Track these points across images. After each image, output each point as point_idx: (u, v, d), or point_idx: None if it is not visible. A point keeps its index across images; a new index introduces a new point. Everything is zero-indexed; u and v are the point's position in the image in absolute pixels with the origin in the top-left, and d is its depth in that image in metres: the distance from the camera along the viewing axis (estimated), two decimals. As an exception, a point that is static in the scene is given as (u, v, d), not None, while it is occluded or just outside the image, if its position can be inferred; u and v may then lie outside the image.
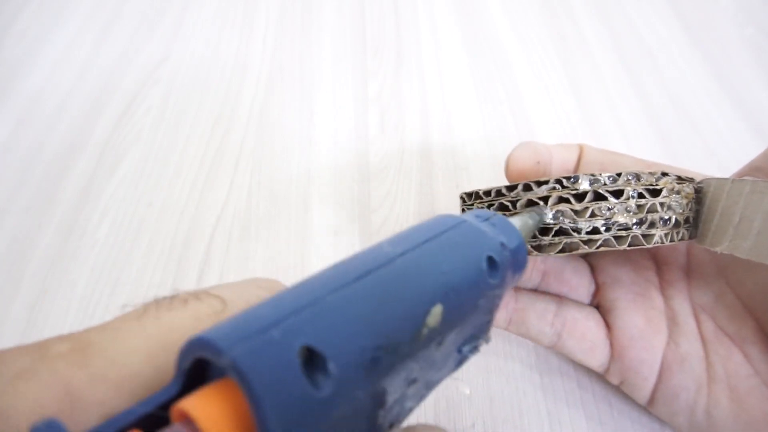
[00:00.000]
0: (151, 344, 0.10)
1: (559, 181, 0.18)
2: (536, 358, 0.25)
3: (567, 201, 0.18)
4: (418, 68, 0.38)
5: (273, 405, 0.08)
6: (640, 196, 0.18)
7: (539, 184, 0.19)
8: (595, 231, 0.18)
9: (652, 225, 0.18)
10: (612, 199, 0.18)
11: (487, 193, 0.20)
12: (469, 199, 0.21)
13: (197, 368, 0.09)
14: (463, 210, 0.22)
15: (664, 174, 0.19)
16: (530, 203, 0.19)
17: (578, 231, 0.18)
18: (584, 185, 0.18)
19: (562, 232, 0.18)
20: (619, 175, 0.18)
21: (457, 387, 0.24)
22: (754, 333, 0.20)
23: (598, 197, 0.18)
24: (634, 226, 0.18)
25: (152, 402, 0.08)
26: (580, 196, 0.18)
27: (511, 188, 0.19)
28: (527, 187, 0.19)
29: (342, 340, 0.09)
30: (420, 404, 0.12)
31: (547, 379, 0.24)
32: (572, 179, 0.18)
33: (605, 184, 0.18)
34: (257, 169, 0.33)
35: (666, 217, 0.18)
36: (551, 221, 0.18)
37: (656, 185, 0.18)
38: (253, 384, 0.08)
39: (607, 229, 0.18)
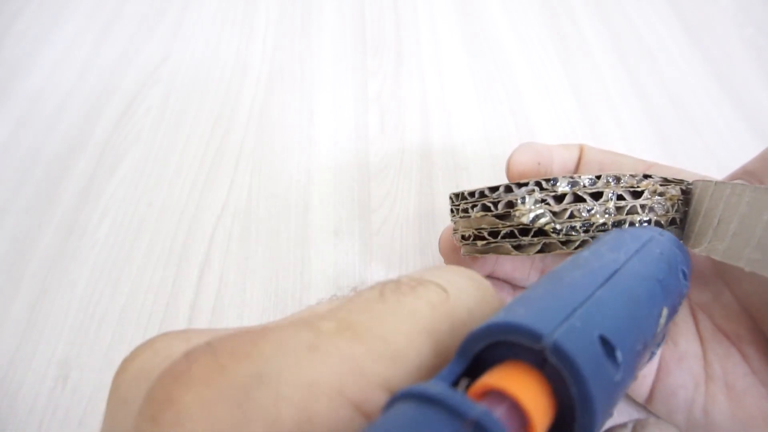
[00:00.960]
0: (405, 327, 0.10)
1: (538, 183, 0.19)
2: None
3: (546, 203, 0.19)
4: (418, 68, 0.38)
5: (594, 386, 0.08)
6: (620, 198, 0.18)
7: (519, 185, 0.19)
8: (573, 232, 0.18)
9: (632, 226, 0.18)
10: (590, 201, 0.18)
11: (472, 194, 0.20)
12: (456, 199, 0.22)
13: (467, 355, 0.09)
14: (451, 210, 0.22)
15: (647, 176, 0.19)
16: (509, 204, 0.19)
17: (557, 232, 0.18)
18: (563, 187, 0.18)
19: (541, 232, 0.19)
20: (598, 177, 0.18)
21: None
22: (751, 332, 0.20)
23: (578, 199, 0.18)
24: (613, 228, 0.18)
25: (444, 377, 0.09)
26: (559, 198, 0.19)
27: (493, 189, 0.20)
28: (508, 189, 0.19)
29: (622, 331, 0.10)
30: None
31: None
32: (551, 181, 0.19)
33: (584, 186, 0.18)
34: (257, 169, 0.33)
35: (647, 219, 0.19)
36: (531, 223, 0.19)
37: (637, 187, 0.19)
38: (578, 366, 0.08)
39: (586, 230, 0.18)
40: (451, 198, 0.22)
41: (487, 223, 0.20)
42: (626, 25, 0.42)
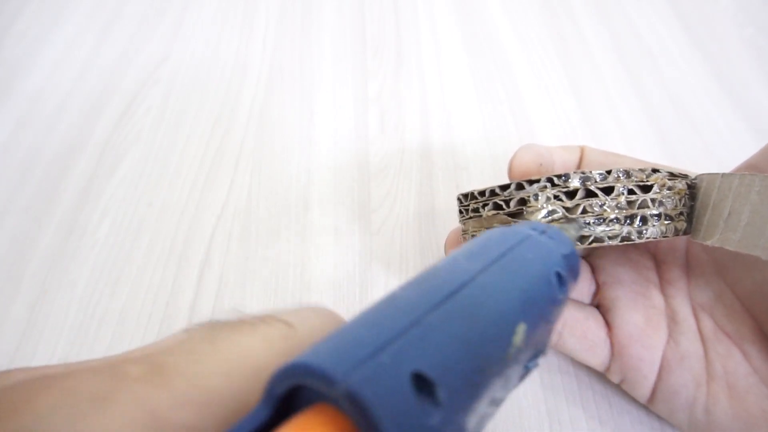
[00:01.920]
0: (228, 367, 0.09)
1: (550, 180, 0.19)
2: (536, 357, 0.25)
3: (558, 199, 0.19)
4: (418, 68, 0.38)
5: None
6: (631, 192, 0.18)
7: (531, 182, 0.19)
8: (586, 226, 0.18)
9: (643, 220, 0.18)
10: (602, 196, 0.18)
11: (482, 193, 0.20)
12: (466, 200, 0.21)
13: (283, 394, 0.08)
14: (460, 211, 0.22)
15: (655, 170, 0.19)
16: (522, 201, 0.19)
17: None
18: (575, 182, 0.18)
19: None
20: (609, 172, 0.18)
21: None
22: (752, 332, 0.20)
23: (589, 194, 0.18)
24: (626, 222, 0.18)
25: (242, 429, 0.08)
26: (571, 194, 0.19)
27: (504, 188, 0.20)
28: (519, 186, 0.19)
29: (447, 364, 0.09)
30: (488, 423, 0.12)
31: (547, 377, 0.24)
32: (563, 177, 0.18)
33: (596, 181, 0.18)
34: (257, 169, 0.33)
35: (657, 213, 0.19)
36: (543, 219, 0.19)
37: (647, 181, 0.19)
38: (374, 416, 0.07)
39: (599, 225, 0.18)
40: (459, 199, 0.22)
41: (499, 221, 0.20)
42: (626, 25, 0.42)
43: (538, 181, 0.19)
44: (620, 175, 0.18)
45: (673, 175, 0.19)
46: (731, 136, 0.34)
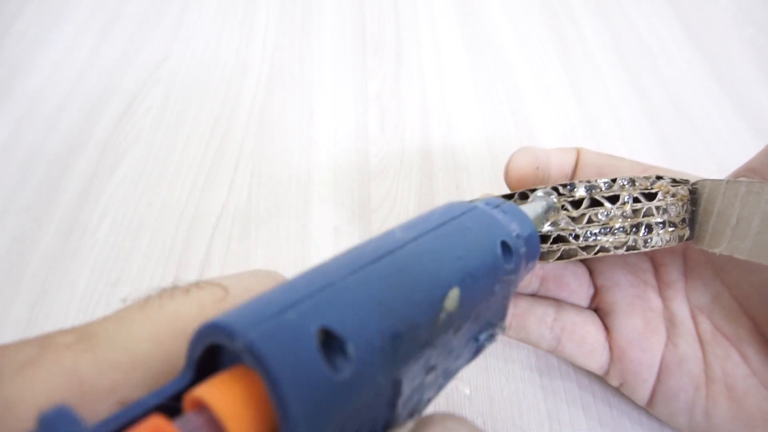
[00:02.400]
0: (157, 331, 0.09)
1: (555, 188, 0.18)
2: (536, 358, 0.25)
3: (564, 208, 0.18)
4: (418, 68, 0.38)
5: (292, 388, 0.07)
6: (636, 200, 0.18)
7: (534, 191, 0.19)
8: (592, 236, 0.18)
9: (648, 228, 0.18)
10: (608, 205, 0.18)
11: None
12: None
13: (209, 357, 0.09)
14: None
15: (659, 177, 0.19)
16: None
17: (576, 237, 0.18)
18: (581, 192, 0.18)
19: (560, 239, 0.18)
20: (614, 180, 0.18)
21: (457, 387, 0.24)
22: (750, 334, 0.20)
23: (595, 203, 0.18)
24: (631, 231, 0.18)
25: (164, 392, 0.08)
26: (576, 203, 0.18)
27: (508, 197, 0.19)
28: (523, 196, 0.19)
29: (360, 322, 0.09)
30: (438, 394, 0.12)
31: (547, 379, 0.24)
32: (569, 186, 0.18)
33: (601, 190, 0.18)
34: (257, 169, 0.33)
35: (662, 221, 0.18)
36: (550, 229, 0.18)
37: (651, 189, 0.19)
38: (270, 367, 0.07)
39: (605, 235, 0.18)
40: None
41: None
42: (626, 25, 0.42)
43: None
44: (625, 183, 0.18)
45: (675, 182, 0.19)
46: (731, 136, 0.34)
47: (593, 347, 0.22)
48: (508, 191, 0.24)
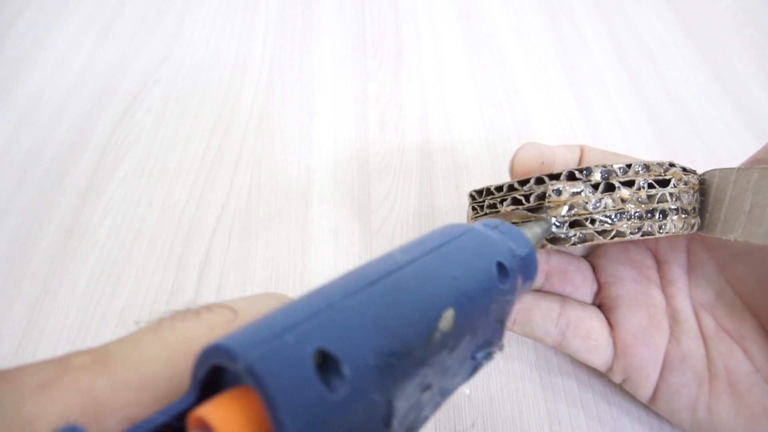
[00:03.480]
0: (168, 352, 0.10)
1: (571, 174, 0.18)
2: (536, 357, 0.25)
3: (580, 193, 0.18)
4: (418, 68, 0.38)
5: (288, 408, 0.08)
6: (650, 186, 0.18)
7: (551, 177, 0.19)
8: (608, 220, 0.18)
9: (663, 214, 0.18)
10: (624, 190, 0.18)
11: (499, 188, 0.20)
12: (480, 196, 0.21)
13: (215, 377, 0.09)
14: (473, 208, 0.22)
15: (672, 165, 0.19)
16: (541, 197, 0.19)
17: (593, 222, 0.18)
18: (596, 176, 0.18)
19: (576, 224, 0.18)
20: (629, 166, 0.18)
21: (457, 387, 0.24)
22: (753, 330, 0.20)
23: (609, 188, 0.18)
24: (646, 216, 0.18)
25: (169, 411, 0.08)
26: (593, 187, 0.18)
27: (523, 182, 0.19)
28: (540, 180, 0.19)
29: (355, 343, 0.09)
30: (436, 411, 0.12)
31: (547, 378, 0.24)
32: (585, 171, 0.18)
33: (617, 175, 0.18)
34: (257, 169, 0.33)
35: (675, 207, 0.18)
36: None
37: (665, 176, 0.19)
38: (268, 387, 0.08)
39: (620, 220, 0.18)
40: (472, 195, 0.22)
41: (518, 216, 0.19)
42: (626, 25, 0.42)
43: (558, 176, 0.19)
44: (639, 169, 0.18)
45: (685, 170, 0.19)
46: (731, 136, 0.34)
47: (597, 342, 0.22)
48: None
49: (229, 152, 0.33)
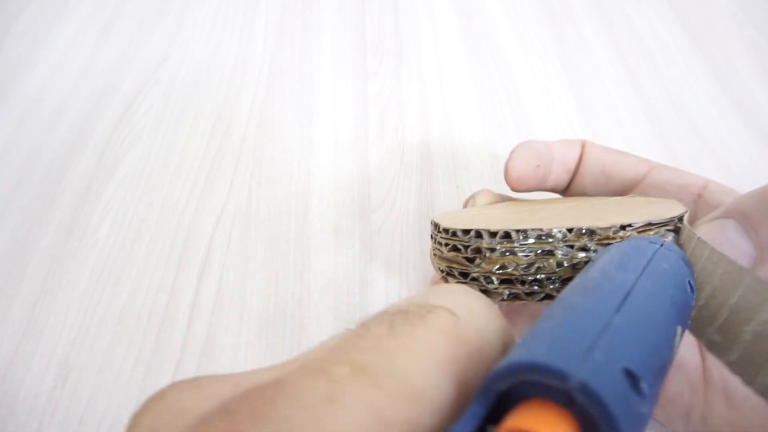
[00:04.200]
0: (417, 363, 0.09)
1: (507, 234, 0.18)
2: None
3: (513, 253, 0.18)
4: (418, 68, 0.38)
5: (624, 422, 0.08)
6: (593, 250, 0.17)
7: (491, 234, 0.18)
8: (536, 285, 0.18)
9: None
10: (560, 255, 0.17)
11: (446, 230, 0.20)
12: (435, 228, 0.21)
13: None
14: (431, 237, 0.21)
15: (624, 227, 0.17)
16: (477, 251, 0.18)
17: (522, 283, 0.18)
18: (531, 240, 0.18)
19: (507, 281, 0.18)
20: (570, 230, 0.17)
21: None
22: None
23: (548, 252, 0.18)
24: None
25: (467, 423, 0.08)
26: (529, 250, 0.18)
27: (466, 232, 0.19)
28: (479, 235, 0.18)
29: (645, 361, 0.10)
30: None
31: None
32: (522, 233, 0.18)
33: (555, 240, 0.17)
34: (257, 169, 0.33)
35: None
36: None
37: (613, 239, 0.17)
38: (608, 404, 0.08)
39: (552, 283, 0.18)
40: (433, 224, 0.21)
41: (457, 263, 0.19)
42: (626, 25, 0.42)
43: (495, 234, 0.18)
44: (584, 232, 0.17)
45: (650, 225, 0.18)
46: (731, 136, 0.34)
47: None
48: (508, 190, 0.23)
49: (229, 152, 0.33)
